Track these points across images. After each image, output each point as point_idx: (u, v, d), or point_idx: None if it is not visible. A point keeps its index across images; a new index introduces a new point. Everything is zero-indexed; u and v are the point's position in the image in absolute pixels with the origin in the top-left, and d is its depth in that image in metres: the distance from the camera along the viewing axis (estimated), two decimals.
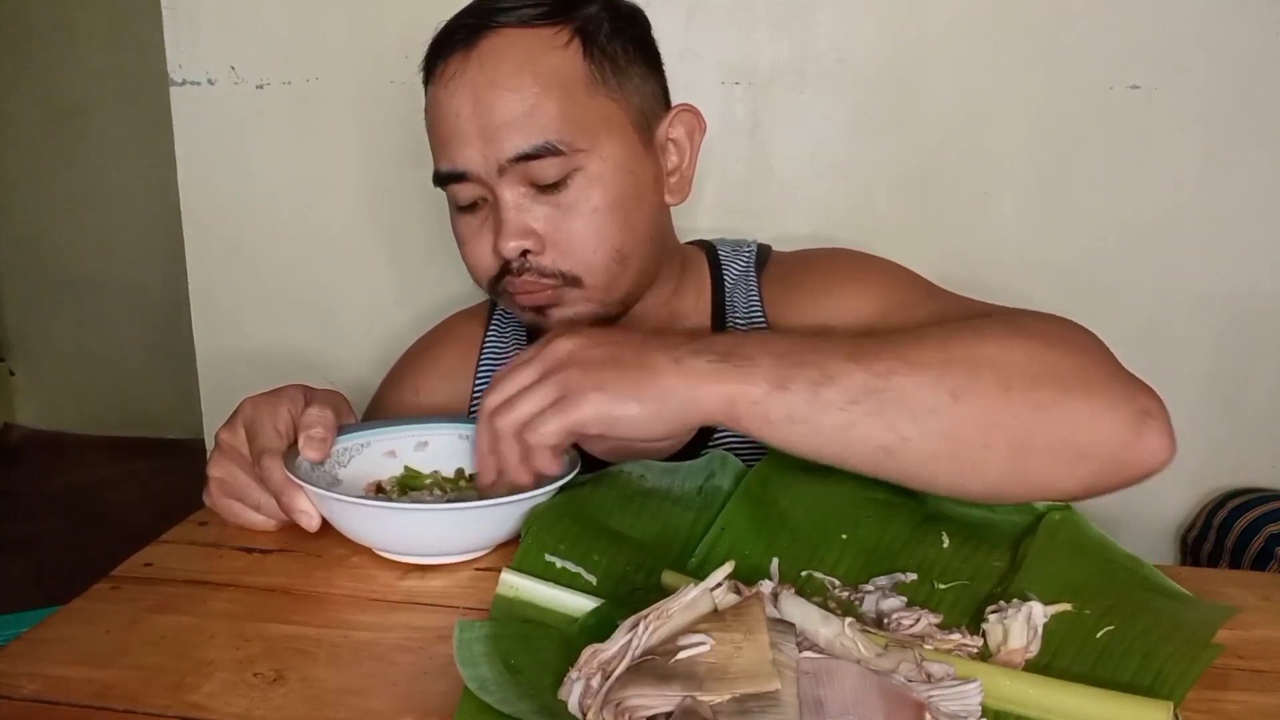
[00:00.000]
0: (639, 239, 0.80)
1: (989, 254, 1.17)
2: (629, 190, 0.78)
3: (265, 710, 0.52)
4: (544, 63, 0.74)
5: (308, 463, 0.72)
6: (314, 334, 1.31)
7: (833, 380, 0.60)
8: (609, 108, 0.77)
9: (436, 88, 0.77)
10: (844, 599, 0.60)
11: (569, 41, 0.75)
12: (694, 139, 0.84)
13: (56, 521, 2.42)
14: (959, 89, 1.13)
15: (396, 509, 0.67)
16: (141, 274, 2.85)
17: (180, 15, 1.23)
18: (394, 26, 1.20)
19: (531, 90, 0.73)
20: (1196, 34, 1.08)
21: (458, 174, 0.76)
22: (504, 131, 0.73)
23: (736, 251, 0.92)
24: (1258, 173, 1.11)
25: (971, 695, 0.47)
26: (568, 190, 0.75)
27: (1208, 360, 1.17)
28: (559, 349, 0.61)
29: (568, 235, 0.76)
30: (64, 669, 0.56)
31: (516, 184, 0.75)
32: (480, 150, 0.74)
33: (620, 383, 0.59)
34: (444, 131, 0.76)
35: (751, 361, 0.60)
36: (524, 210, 0.76)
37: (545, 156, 0.74)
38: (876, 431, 0.60)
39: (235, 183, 1.28)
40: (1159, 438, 0.62)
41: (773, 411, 0.60)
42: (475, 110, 0.74)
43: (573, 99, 0.75)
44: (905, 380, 0.60)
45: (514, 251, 0.76)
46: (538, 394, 0.60)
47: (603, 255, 0.77)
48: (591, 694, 0.47)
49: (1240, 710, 0.51)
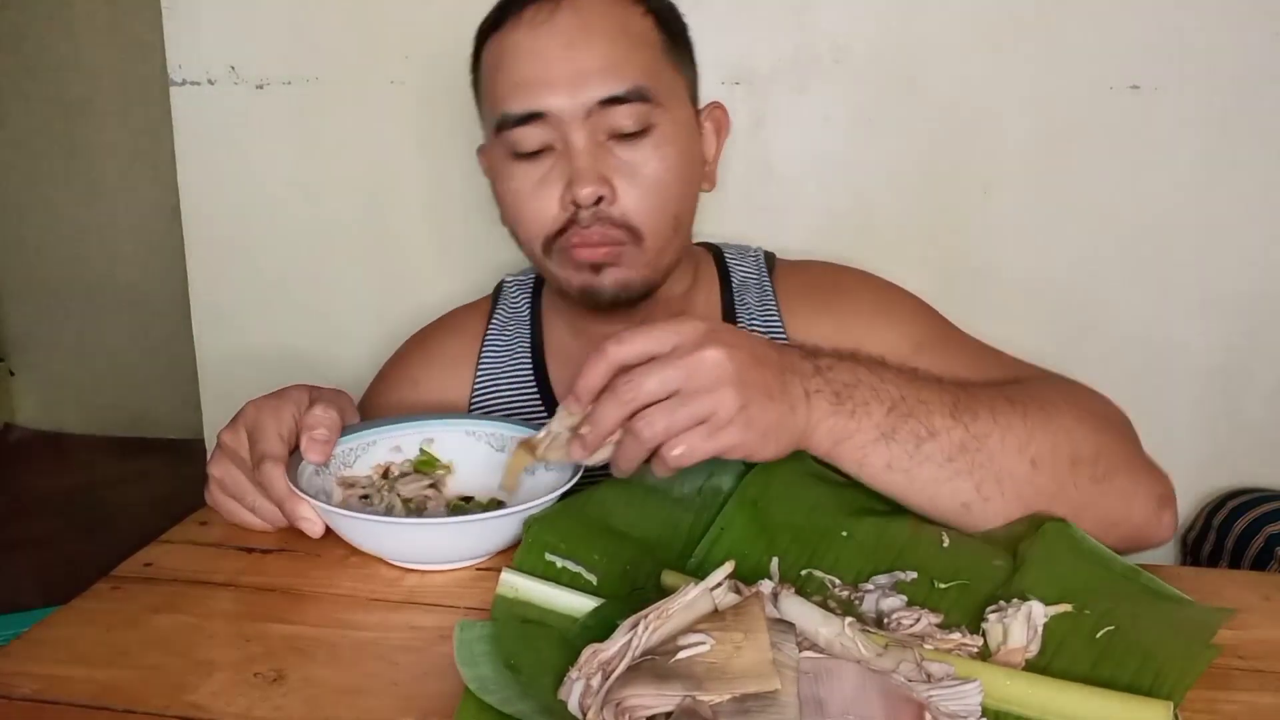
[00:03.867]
0: (687, 211, 0.83)
1: (989, 254, 1.17)
2: (690, 158, 0.81)
3: (265, 710, 0.52)
4: (631, 21, 0.78)
5: (313, 465, 0.71)
6: (314, 334, 1.31)
7: (935, 436, 0.63)
8: (677, 80, 0.81)
9: (516, 32, 0.77)
10: (844, 598, 0.60)
11: (646, 13, 0.79)
12: (721, 135, 0.88)
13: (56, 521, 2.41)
14: (959, 89, 1.13)
15: (397, 524, 0.67)
16: (141, 274, 2.85)
17: (180, 15, 1.23)
18: (394, 26, 1.20)
19: (623, 39, 0.76)
20: (1196, 34, 1.08)
21: (533, 114, 0.76)
22: (596, 75, 0.75)
23: (742, 254, 0.94)
24: (1258, 173, 1.11)
25: (971, 695, 0.47)
26: (644, 142, 0.77)
27: (1208, 360, 1.17)
28: (712, 360, 0.57)
29: (640, 187, 0.77)
30: (64, 669, 0.56)
31: (594, 131, 0.76)
32: (567, 92, 0.74)
33: (765, 417, 0.58)
34: (524, 74, 0.76)
35: (865, 408, 0.62)
36: (600, 159, 0.76)
37: (633, 102, 0.75)
38: (964, 489, 0.64)
39: (235, 183, 1.28)
40: (1171, 518, 0.71)
41: (874, 458, 0.63)
42: (567, 53, 0.74)
43: (656, 57, 0.78)
44: (996, 444, 0.64)
45: (590, 197, 0.75)
46: (689, 408, 0.57)
47: (666, 215, 0.79)
48: (591, 694, 0.47)
49: (1240, 710, 0.51)
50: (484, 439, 0.78)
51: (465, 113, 1.21)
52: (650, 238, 0.78)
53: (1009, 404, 0.67)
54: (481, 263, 1.25)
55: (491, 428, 0.78)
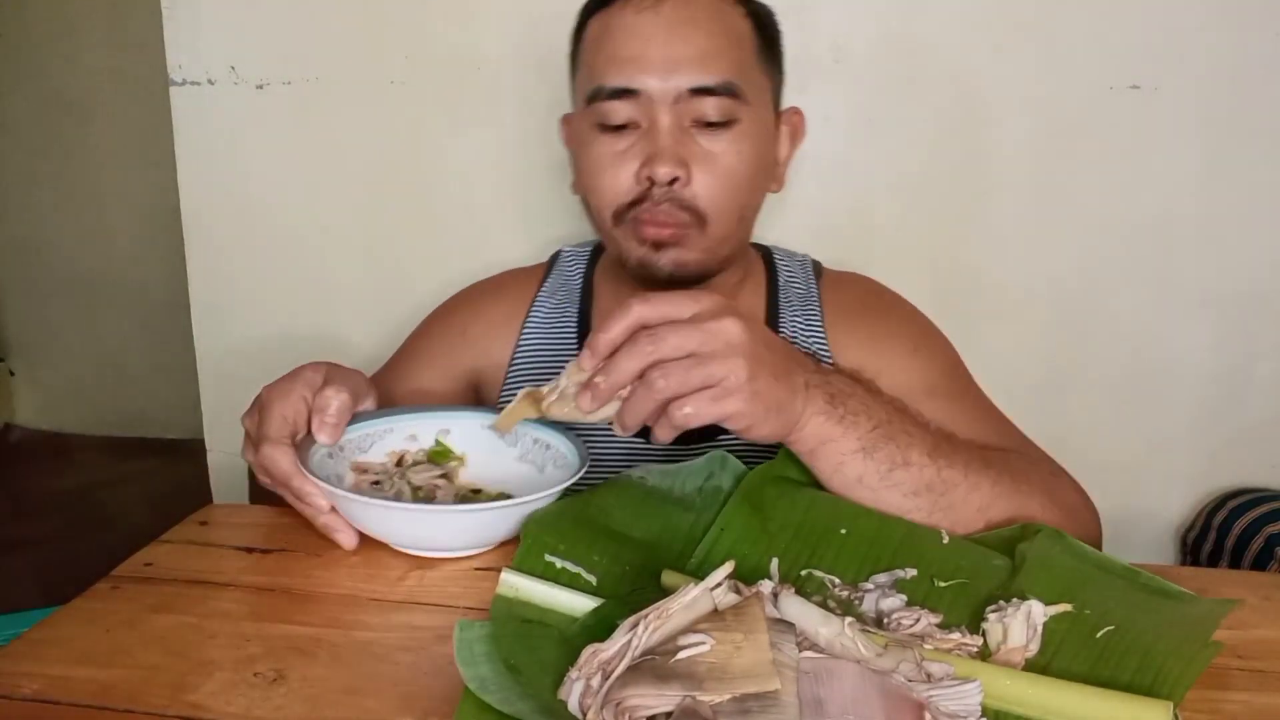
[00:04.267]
0: (753, 207, 0.86)
1: (989, 254, 1.17)
2: (764, 157, 0.85)
3: (265, 710, 0.52)
4: (731, 20, 0.81)
5: (325, 448, 0.72)
6: (314, 333, 1.31)
7: (908, 467, 0.67)
8: (764, 82, 0.84)
9: (624, 13, 0.80)
10: (844, 597, 0.60)
11: (746, 15, 0.83)
12: (795, 140, 0.91)
13: (56, 521, 2.42)
14: (959, 89, 1.13)
15: (402, 509, 0.68)
16: (141, 274, 2.85)
17: (180, 15, 1.23)
18: (394, 26, 1.20)
19: (721, 36, 0.80)
20: (1196, 34, 1.08)
21: (626, 90, 0.79)
22: (692, 63, 0.78)
23: (791, 258, 0.97)
24: (1258, 173, 1.11)
25: (971, 695, 0.47)
26: (724, 135, 0.80)
27: (1208, 360, 1.17)
28: (730, 330, 0.60)
29: (713, 175, 0.80)
30: (64, 669, 0.56)
31: (682, 115, 0.79)
32: (662, 75, 0.78)
33: (770, 394, 0.61)
34: (625, 51, 0.80)
35: (854, 418, 0.66)
36: (681, 142, 0.79)
37: (720, 95, 0.79)
38: (920, 517, 0.68)
39: (235, 183, 1.28)
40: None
41: (848, 468, 0.66)
42: (669, 38, 0.78)
43: (749, 57, 0.82)
44: (960, 496, 0.68)
45: (666, 176, 0.78)
46: (702, 371, 0.59)
47: (733, 206, 0.82)
48: (591, 694, 0.47)
49: (1240, 710, 0.51)
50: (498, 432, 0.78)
51: (465, 113, 1.22)
52: (714, 224, 0.81)
53: (984, 465, 0.70)
54: (481, 262, 1.24)
55: None
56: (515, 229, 1.24)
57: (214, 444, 1.35)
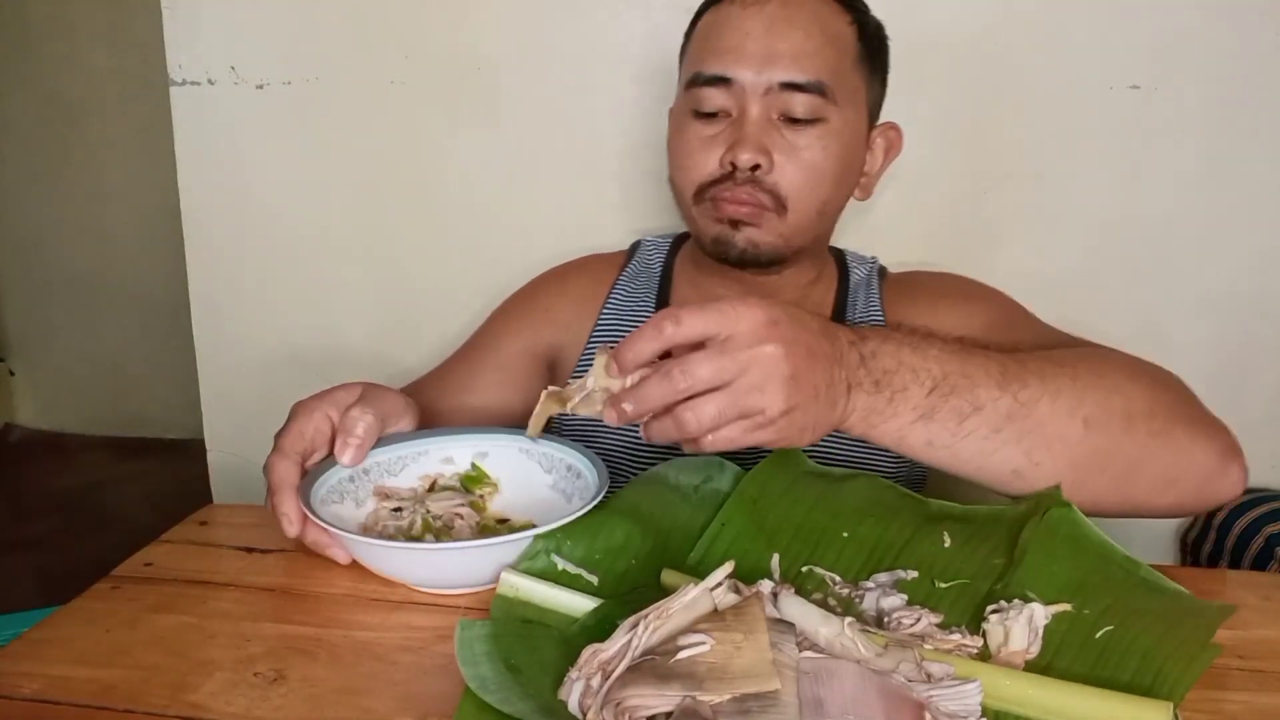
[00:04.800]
0: (835, 206, 0.88)
1: (989, 253, 1.17)
2: (849, 160, 0.87)
3: (265, 710, 0.52)
4: (832, 24, 0.84)
5: (348, 470, 0.70)
6: (314, 334, 1.31)
7: (980, 410, 0.64)
8: (859, 88, 0.86)
9: (732, 8, 0.84)
10: (844, 596, 0.60)
11: (851, 22, 0.85)
12: (889, 155, 0.93)
13: (56, 521, 2.42)
14: (959, 89, 1.13)
15: (384, 547, 0.64)
16: (141, 274, 2.85)
17: (180, 15, 1.23)
18: (394, 26, 1.20)
19: (819, 37, 0.82)
20: (1196, 34, 1.08)
21: (722, 79, 0.83)
22: (785, 59, 0.81)
23: (861, 260, 1.00)
24: (1258, 173, 1.11)
25: (971, 695, 0.47)
26: (810, 131, 0.83)
27: (1207, 360, 1.16)
28: (767, 356, 0.56)
29: (796, 166, 0.83)
30: (64, 669, 0.56)
31: (771, 108, 0.82)
32: (756, 67, 0.81)
33: (807, 417, 0.59)
34: (727, 43, 0.83)
35: (904, 393, 0.63)
36: (768, 133, 0.82)
37: (809, 93, 0.81)
38: (1014, 456, 0.65)
39: (235, 183, 1.28)
40: (1239, 472, 0.70)
41: (912, 438, 0.64)
42: (767, 33, 0.82)
43: (843, 61, 0.84)
44: (1046, 409, 0.64)
45: (749, 163, 0.81)
46: (738, 405, 0.56)
47: (814, 198, 0.84)
48: (591, 694, 0.47)
49: (1240, 710, 0.51)
50: (536, 458, 0.76)
51: (465, 113, 1.22)
52: (793, 212, 0.84)
53: (1057, 367, 0.67)
54: (480, 262, 1.25)
55: (546, 447, 0.76)
56: (514, 228, 1.24)
57: (214, 444, 1.35)
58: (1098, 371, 0.68)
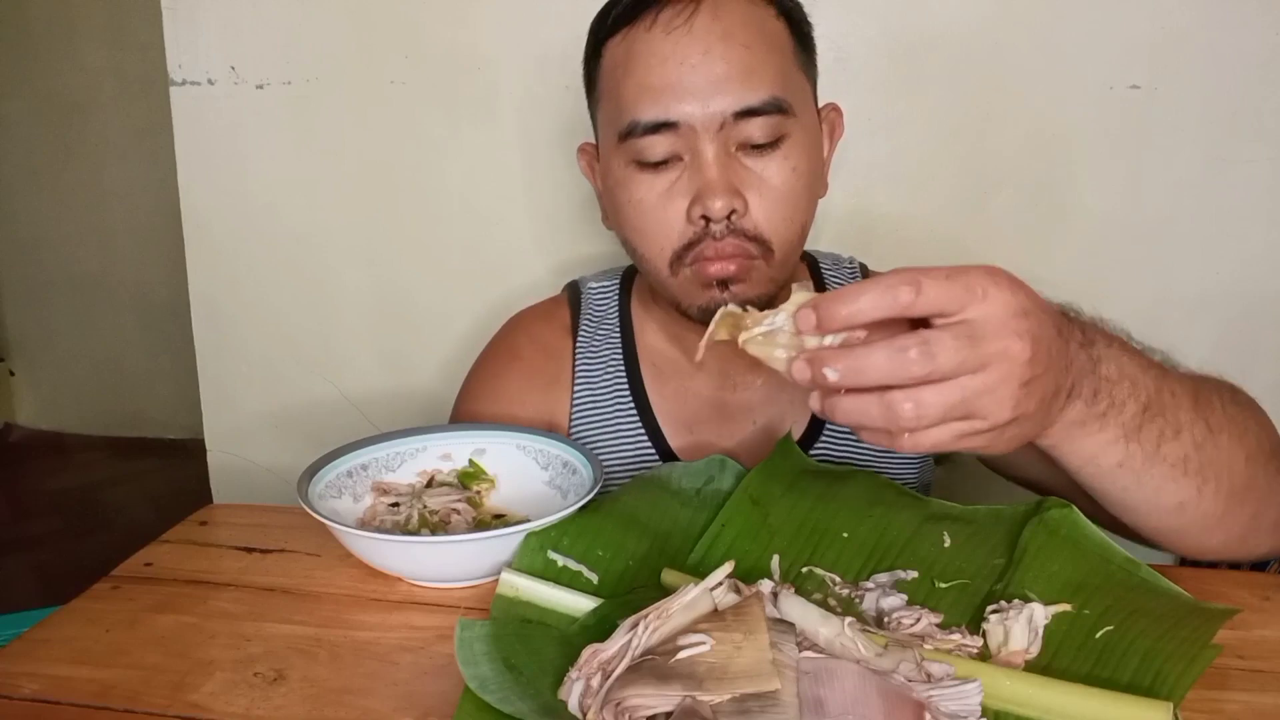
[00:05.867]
0: (811, 220, 0.78)
1: (988, 254, 1.17)
2: (816, 167, 0.78)
3: (265, 710, 0.52)
4: (768, 26, 0.74)
5: (345, 466, 0.71)
6: (314, 334, 1.31)
7: (1179, 435, 0.57)
8: (805, 85, 0.77)
9: (650, 33, 0.72)
10: (844, 596, 0.60)
11: (779, 15, 0.75)
12: (834, 138, 0.83)
13: (56, 521, 2.42)
14: (959, 89, 1.13)
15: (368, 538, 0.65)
16: (141, 274, 2.85)
17: (180, 15, 1.23)
18: (394, 26, 1.20)
19: (762, 46, 0.72)
20: (1196, 34, 1.08)
21: (665, 124, 0.71)
22: (734, 84, 0.70)
23: (838, 265, 0.92)
24: (1258, 173, 1.11)
25: (971, 695, 0.47)
26: (774, 155, 0.73)
27: (1208, 360, 1.15)
28: (1014, 354, 0.47)
29: (770, 198, 0.73)
30: (64, 669, 0.56)
31: (728, 141, 0.71)
32: (703, 101, 0.70)
33: (1022, 428, 0.50)
34: (659, 78, 0.71)
35: (1119, 407, 0.55)
36: (732, 170, 0.72)
37: (768, 114, 0.71)
38: (1187, 487, 0.58)
39: (235, 183, 1.28)
40: None
41: (1105, 456, 0.56)
42: (704, 61, 0.70)
43: (789, 64, 0.75)
44: (1225, 438, 0.59)
45: (723, 211, 0.70)
46: (965, 406, 0.48)
47: (796, 228, 0.75)
48: (591, 694, 0.47)
49: (1240, 710, 0.51)
50: (533, 454, 0.78)
51: (464, 113, 1.21)
52: (780, 250, 0.74)
53: (1215, 391, 0.61)
54: (480, 262, 1.25)
55: (543, 444, 0.77)
56: (515, 228, 1.24)
57: (214, 444, 1.35)
58: (1237, 401, 0.63)
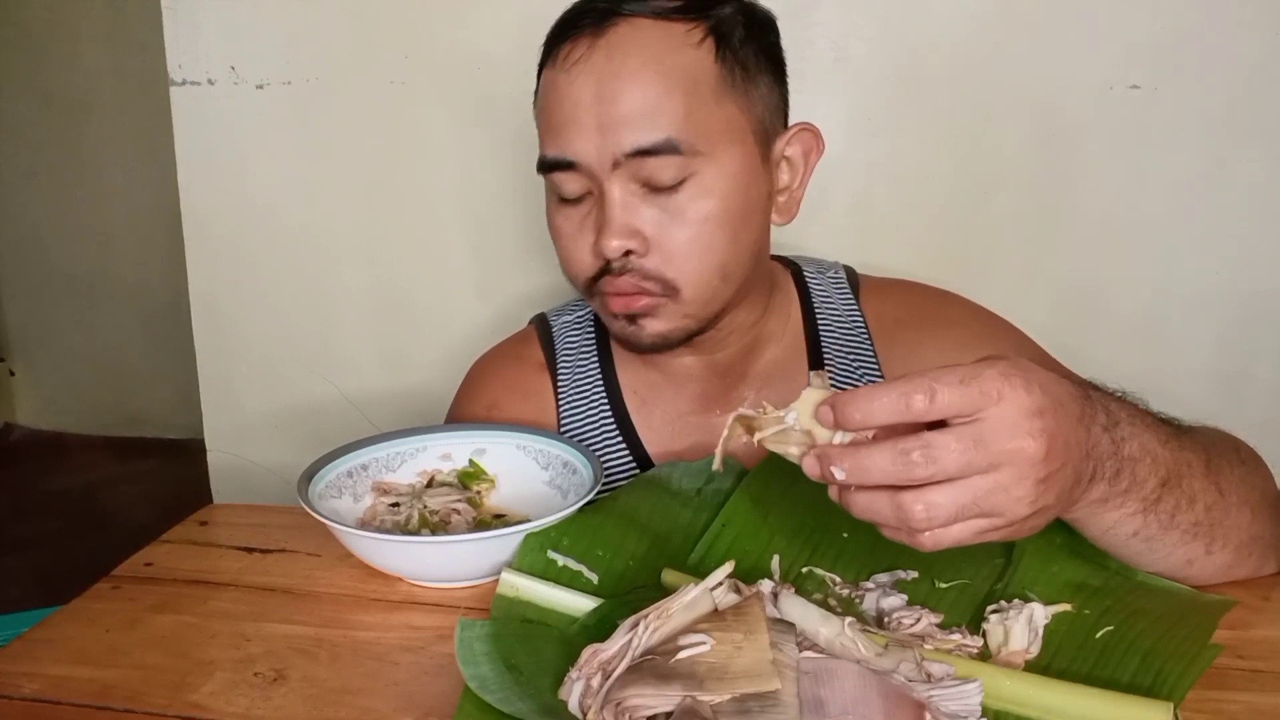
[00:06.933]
0: (742, 257, 0.75)
1: (989, 254, 1.17)
2: (741, 204, 0.74)
3: (265, 710, 0.52)
4: (675, 59, 0.70)
5: (345, 466, 0.71)
6: (314, 334, 1.31)
7: (1193, 504, 0.58)
8: (733, 115, 0.73)
9: (556, 71, 0.72)
10: (844, 596, 0.60)
11: (702, 40, 0.71)
12: (809, 160, 0.79)
13: (56, 521, 2.42)
14: (959, 89, 1.13)
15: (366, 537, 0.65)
16: (141, 274, 2.85)
17: (180, 15, 1.23)
18: (394, 26, 1.20)
19: (658, 86, 0.69)
20: (1196, 34, 1.08)
21: (566, 163, 0.72)
22: (624, 124, 0.69)
23: (823, 272, 0.89)
24: (1258, 173, 1.11)
25: (971, 695, 0.47)
26: (680, 194, 0.71)
27: (1208, 360, 1.16)
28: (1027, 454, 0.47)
29: (674, 241, 0.72)
30: (64, 669, 0.56)
31: (628, 181, 0.71)
32: (596, 141, 0.70)
33: (1043, 518, 0.50)
34: (559, 118, 0.72)
35: (1140, 485, 0.55)
36: (631, 210, 0.71)
37: (663, 154, 0.69)
38: (1198, 548, 0.60)
39: (235, 183, 1.28)
40: None
41: (1122, 527, 0.57)
42: (597, 99, 0.70)
43: (699, 100, 0.71)
44: (1234, 498, 0.60)
45: (616, 251, 0.71)
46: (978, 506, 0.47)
47: (706, 268, 0.73)
48: (591, 694, 0.47)
49: (1240, 710, 0.51)
50: (533, 454, 0.78)
51: (464, 113, 1.21)
52: (688, 290, 0.73)
53: (1224, 451, 0.63)
54: (480, 262, 1.25)
55: (543, 444, 0.78)
56: (514, 228, 1.24)
57: (214, 444, 1.35)
58: (1242, 459, 0.64)
